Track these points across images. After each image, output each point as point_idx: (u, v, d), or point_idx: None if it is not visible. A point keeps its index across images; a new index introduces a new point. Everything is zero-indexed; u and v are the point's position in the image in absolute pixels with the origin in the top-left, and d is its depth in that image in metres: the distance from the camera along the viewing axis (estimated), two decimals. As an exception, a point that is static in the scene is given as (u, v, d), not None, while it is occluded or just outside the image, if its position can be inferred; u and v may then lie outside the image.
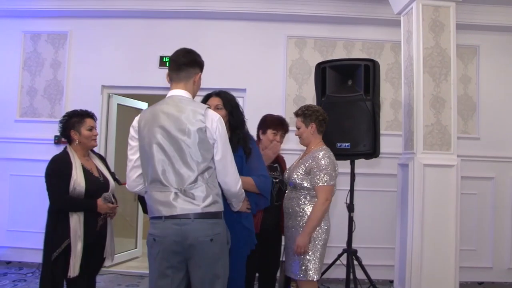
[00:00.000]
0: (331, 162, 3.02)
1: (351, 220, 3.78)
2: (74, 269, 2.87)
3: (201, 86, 5.22)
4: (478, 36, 5.13)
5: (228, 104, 2.80)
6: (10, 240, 5.16)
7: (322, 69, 3.81)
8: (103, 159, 3.30)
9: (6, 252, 5.19)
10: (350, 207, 3.77)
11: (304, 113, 3.15)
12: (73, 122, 3.05)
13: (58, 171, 2.93)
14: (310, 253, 2.96)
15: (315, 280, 2.98)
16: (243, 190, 2.48)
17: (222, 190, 2.38)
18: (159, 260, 2.25)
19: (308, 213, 2.98)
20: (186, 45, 5.30)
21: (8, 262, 5.16)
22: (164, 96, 5.48)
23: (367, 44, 5.18)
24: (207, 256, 2.23)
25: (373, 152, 3.60)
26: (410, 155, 3.83)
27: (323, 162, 2.98)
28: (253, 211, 2.74)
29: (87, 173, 2.98)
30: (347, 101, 3.67)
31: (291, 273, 3.06)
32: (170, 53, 5.24)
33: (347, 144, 3.62)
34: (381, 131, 4.85)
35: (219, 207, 2.30)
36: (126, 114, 5.61)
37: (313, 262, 2.97)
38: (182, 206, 2.21)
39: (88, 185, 2.92)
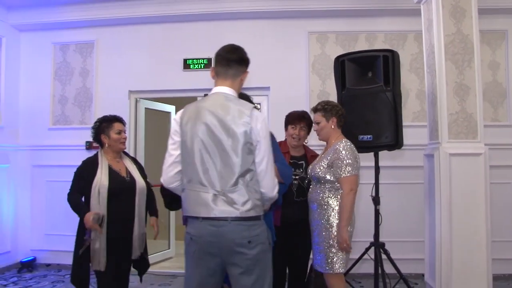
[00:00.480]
0: (352, 152, 3.03)
1: (377, 213, 3.73)
2: (96, 263, 2.99)
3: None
4: (506, 20, 4.98)
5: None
6: (49, 243, 5.39)
7: (341, 62, 3.78)
8: (136, 162, 3.42)
9: (46, 255, 5.41)
10: (376, 200, 3.72)
11: (324, 108, 3.17)
12: (103, 127, 3.19)
13: (81, 171, 3.13)
14: (336, 246, 2.96)
15: (341, 272, 2.98)
16: (277, 195, 2.38)
17: None
18: (195, 259, 2.24)
19: (333, 206, 3.00)
20: (209, 46, 5.44)
21: (48, 265, 5.38)
22: (189, 98, 5.62)
23: (390, 36, 5.11)
24: (246, 258, 2.17)
25: (395, 143, 3.54)
26: (435, 145, 3.76)
27: (344, 153, 3.00)
28: (279, 201, 2.75)
29: (113, 173, 3.10)
30: (367, 93, 3.63)
31: (317, 266, 3.07)
32: (193, 56, 5.45)
33: (369, 136, 3.59)
34: (408, 123, 4.85)
35: (258, 211, 2.24)
36: (153, 118, 5.75)
37: (339, 255, 2.97)
38: (221, 208, 2.16)
39: (112, 184, 3.03)
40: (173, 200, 2.70)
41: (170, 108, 6.14)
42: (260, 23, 5.28)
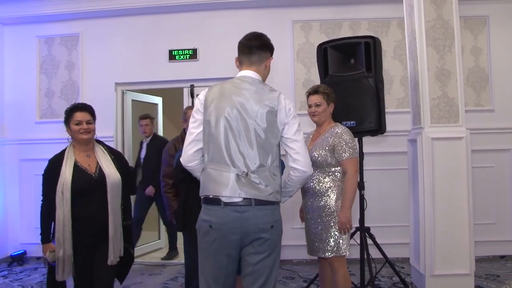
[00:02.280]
0: (351, 136, 3.11)
1: (362, 198, 3.78)
2: (59, 273, 2.73)
3: (212, 77, 5.30)
4: (487, 6, 5.03)
5: None
6: (39, 236, 5.33)
7: (323, 50, 3.82)
8: (113, 152, 3.06)
9: (36, 248, 5.39)
10: (361, 185, 3.77)
11: (326, 93, 3.19)
12: (66, 119, 2.91)
13: (47, 173, 2.85)
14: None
15: (347, 254, 3.04)
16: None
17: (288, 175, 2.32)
18: (215, 248, 2.19)
19: (334, 191, 3.03)
20: (193, 37, 5.44)
21: (38, 258, 5.38)
22: (175, 89, 5.58)
23: (373, 23, 5.15)
24: (267, 243, 2.17)
25: (378, 128, 3.59)
26: (418, 130, 3.81)
27: (345, 136, 3.06)
28: None
29: (79, 170, 2.79)
30: (350, 79, 3.67)
31: (321, 253, 3.06)
32: (178, 47, 5.45)
33: (352, 122, 3.62)
34: (392, 109, 4.91)
35: (278, 196, 2.24)
36: (141, 109, 5.75)
37: (344, 237, 3.01)
38: (244, 189, 2.14)
39: (76, 183, 2.72)
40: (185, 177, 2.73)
41: (157, 100, 6.14)
42: (244, 12, 5.28)
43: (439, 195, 3.65)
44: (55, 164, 2.82)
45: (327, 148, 3.05)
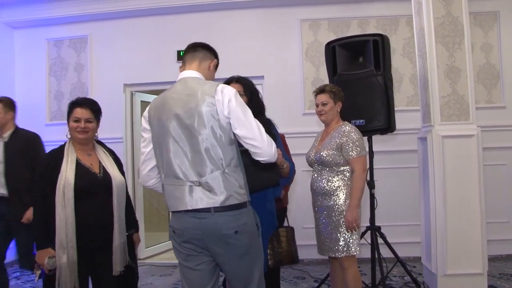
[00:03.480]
0: (359, 134, 3.08)
1: (372, 197, 3.76)
2: (63, 283, 2.42)
3: (219, 76, 5.32)
4: (497, 1, 4.98)
5: (248, 90, 2.81)
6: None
7: (332, 48, 3.80)
8: (113, 154, 2.84)
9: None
10: (371, 184, 3.75)
11: (333, 91, 3.17)
12: (67, 114, 2.65)
13: (43, 169, 2.57)
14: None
15: (357, 254, 3.02)
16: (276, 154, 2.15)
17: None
18: (182, 251, 2.14)
19: (343, 190, 3.01)
20: (202, 37, 5.36)
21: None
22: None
23: (382, 21, 5.11)
24: (235, 248, 2.08)
25: (388, 126, 3.57)
26: (428, 128, 3.77)
27: (352, 135, 3.03)
28: (278, 192, 2.82)
29: (82, 168, 2.54)
30: (358, 78, 3.64)
31: (331, 252, 3.04)
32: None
33: (361, 121, 3.60)
34: (402, 107, 4.88)
35: (242, 198, 2.09)
36: (149, 111, 5.75)
37: (354, 237, 2.99)
38: (198, 199, 2.04)
39: (79, 181, 2.47)
40: None
41: (166, 101, 6.15)
42: (252, 12, 5.28)
43: (450, 194, 3.61)
44: (53, 159, 2.54)
45: (335, 147, 3.03)
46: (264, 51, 5.22)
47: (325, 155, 3.03)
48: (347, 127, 3.08)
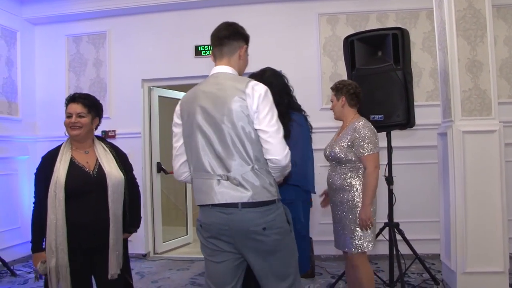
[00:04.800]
0: (372, 131, 3.01)
1: (391, 193, 3.72)
2: (54, 285, 2.33)
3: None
4: (522, -7, 4.84)
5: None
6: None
7: (350, 43, 3.75)
8: (115, 149, 2.69)
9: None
10: (389, 180, 3.71)
11: (336, 87, 3.16)
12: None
13: (39, 171, 2.54)
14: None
15: (370, 249, 3.00)
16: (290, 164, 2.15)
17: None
18: (208, 246, 2.15)
19: (356, 186, 2.98)
20: (219, 33, 5.41)
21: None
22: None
23: (401, 14, 5.03)
24: (263, 245, 2.05)
25: (407, 122, 3.51)
26: (448, 123, 3.71)
27: (364, 131, 2.97)
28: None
29: (75, 167, 2.45)
30: (377, 72, 3.59)
31: (345, 247, 3.04)
32: (204, 42, 5.47)
33: (380, 116, 3.56)
34: (422, 102, 4.81)
35: (271, 195, 2.07)
36: (168, 106, 5.80)
37: (367, 234, 2.97)
38: (226, 194, 2.03)
39: (70, 181, 2.38)
40: None
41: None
42: (270, 6, 5.25)
43: (471, 190, 3.54)
44: (48, 160, 2.48)
45: (346, 143, 3.00)
46: (282, 45, 5.18)
47: (337, 151, 3.02)
48: (360, 123, 3.02)
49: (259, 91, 2.05)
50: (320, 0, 5.14)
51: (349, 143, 2.99)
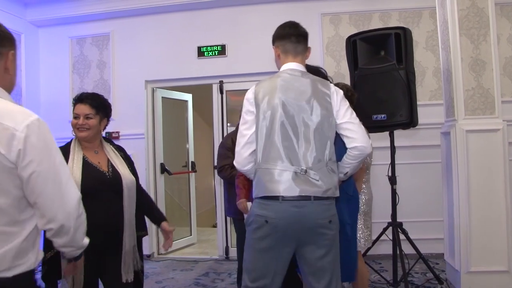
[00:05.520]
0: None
1: (394, 193, 3.71)
2: (70, 284, 2.23)
3: (241, 72, 5.31)
4: (525, -9, 4.82)
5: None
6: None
7: (352, 42, 3.74)
8: (122, 151, 2.63)
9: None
10: (392, 180, 3.70)
11: None
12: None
13: None
14: (358, 224, 2.95)
15: (364, 247, 3.04)
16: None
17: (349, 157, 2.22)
18: (267, 243, 2.11)
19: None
20: (223, 33, 5.44)
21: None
22: (205, 85, 5.62)
23: (404, 14, 5.03)
24: (327, 238, 2.12)
25: (410, 121, 3.50)
26: (451, 123, 3.70)
27: None
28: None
29: (89, 166, 2.37)
30: (380, 72, 3.59)
31: None
32: (206, 43, 5.44)
33: (383, 116, 3.55)
34: (425, 101, 4.80)
35: (337, 193, 2.19)
36: (171, 107, 5.82)
37: (359, 232, 2.98)
38: (303, 187, 2.07)
39: (87, 180, 2.29)
40: None
41: (187, 97, 6.19)
42: (272, 7, 5.25)
43: (475, 190, 3.53)
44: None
45: None
46: (285, 46, 5.18)
47: None
48: None
49: (340, 92, 2.22)
50: (323, 0, 5.14)
51: None
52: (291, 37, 2.28)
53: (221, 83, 5.34)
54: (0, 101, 1.49)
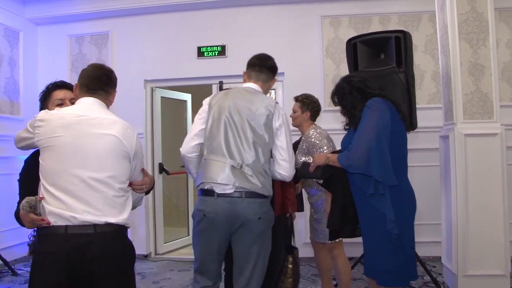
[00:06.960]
0: (322, 136, 3.28)
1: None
2: None
3: (241, 73, 5.34)
4: (524, -3, 4.85)
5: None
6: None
7: (353, 45, 3.77)
8: None
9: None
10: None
11: (303, 101, 3.43)
12: (42, 102, 2.31)
13: (23, 176, 2.32)
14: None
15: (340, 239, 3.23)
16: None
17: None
18: (208, 234, 2.42)
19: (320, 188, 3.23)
20: (222, 34, 5.44)
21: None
22: (204, 85, 5.61)
23: (403, 17, 5.05)
24: (254, 233, 2.40)
25: (409, 124, 3.51)
26: (450, 126, 3.71)
27: (313, 140, 3.26)
28: None
29: None
30: (380, 75, 3.60)
31: (320, 238, 3.35)
32: (206, 44, 5.45)
33: (382, 119, 3.56)
34: (424, 105, 4.82)
35: (269, 192, 2.48)
36: (170, 106, 5.82)
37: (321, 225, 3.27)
38: (238, 180, 2.37)
39: None
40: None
41: (186, 97, 6.19)
42: (272, 8, 5.27)
43: (473, 193, 3.54)
44: (34, 163, 2.12)
45: (303, 152, 3.32)
46: (284, 47, 5.20)
47: (300, 161, 3.25)
48: (310, 132, 3.33)
49: (283, 114, 2.53)
50: (323, 3, 5.15)
51: (305, 151, 3.31)
52: (255, 67, 2.64)
53: (220, 83, 5.34)
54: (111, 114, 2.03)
